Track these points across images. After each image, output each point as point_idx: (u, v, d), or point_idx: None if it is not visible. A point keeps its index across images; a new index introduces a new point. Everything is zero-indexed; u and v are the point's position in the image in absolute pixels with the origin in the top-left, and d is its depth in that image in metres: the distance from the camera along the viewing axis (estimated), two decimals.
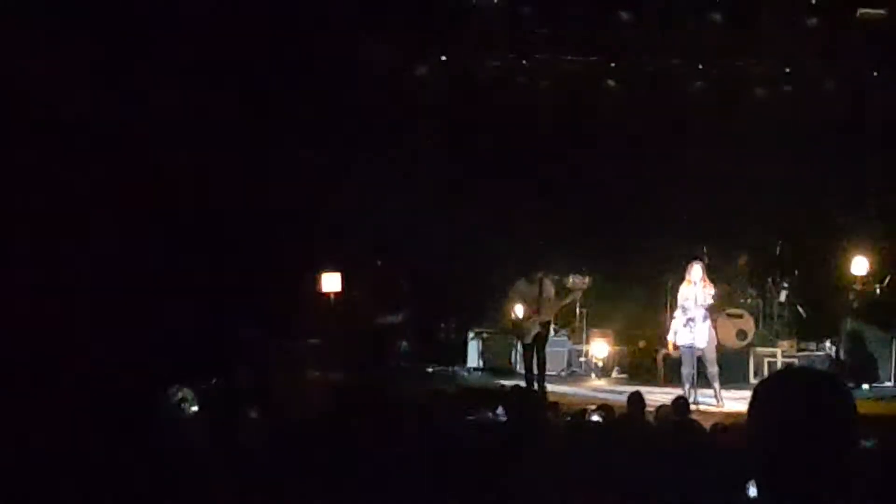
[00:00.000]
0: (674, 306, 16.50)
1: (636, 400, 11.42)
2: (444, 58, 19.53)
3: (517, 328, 16.89)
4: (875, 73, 18.96)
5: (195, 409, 9.04)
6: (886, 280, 18.74)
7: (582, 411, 11.35)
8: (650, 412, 11.72)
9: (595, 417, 10.59)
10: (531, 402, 9.56)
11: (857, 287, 18.80)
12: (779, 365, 17.33)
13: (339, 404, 9.08)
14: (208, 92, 16.32)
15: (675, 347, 16.10)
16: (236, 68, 16.95)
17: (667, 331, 16.66)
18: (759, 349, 18.25)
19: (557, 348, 18.90)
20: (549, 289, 16.85)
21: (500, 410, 9.09)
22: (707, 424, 9.90)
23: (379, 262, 17.23)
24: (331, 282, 17.07)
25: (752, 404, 3.09)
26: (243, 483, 6.77)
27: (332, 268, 17.08)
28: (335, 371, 16.34)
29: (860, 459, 2.98)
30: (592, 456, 6.81)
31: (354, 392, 9.53)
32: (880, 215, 18.97)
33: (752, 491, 3.05)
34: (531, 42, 19.25)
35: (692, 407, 13.41)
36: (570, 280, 18.86)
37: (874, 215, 19.02)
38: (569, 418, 9.96)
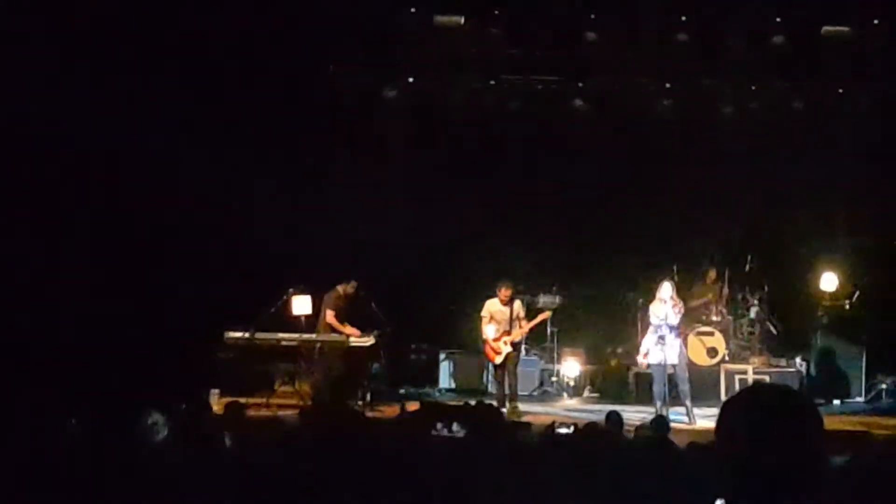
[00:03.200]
0: (644, 325, 16.53)
1: (615, 420, 11.37)
2: (411, 80, 19.54)
3: (488, 348, 16.88)
4: (840, 90, 19.07)
5: (165, 433, 8.95)
6: (855, 296, 18.84)
7: (550, 425, 11.34)
8: (629, 431, 11.71)
9: (563, 430, 10.58)
10: (492, 418, 9.52)
11: (827, 303, 18.89)
12: (750, 381, 17.35)
13: (309, 428, 9.03)
14: (176, 120, 16.31)
15: (647, 366, 16.14)
16: (204, 93, 16.92)
17: (638, 349, 16.72)
18: (729, 366, 18.28)
19: (529, 368, 18.94)
20: (520, 309, 16.86)
21: (455, 427, 9.05)
22: (679, 442, 9.90)
23: (362, 293, 17.15)
24: (301, 305, 17.04)
25: (720, 421, 3.12)
26: None
27: (303, 291, 17.04)
28: (306, 394, 16.33)
29: (830, 475, 2.98)
30: (563, 472, 6.79)
31: (325, 415, 9.48)
32: (849, 231, 19.07)
33: None
34: (499, 63, 19.28)
35: None
36: (541, 300, 18.91)
37: (843, 231, 19.12)
38: (537, 437, 9.93)
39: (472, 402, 11.69)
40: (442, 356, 19.58)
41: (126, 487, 6.63)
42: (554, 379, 19.59)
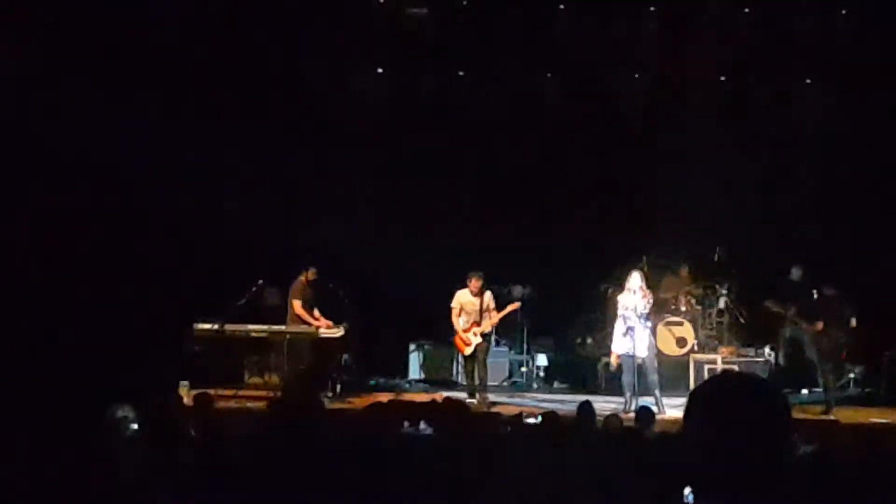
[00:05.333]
0: (614, 315, 16.55)
1: (587, 410, 11.38)
2: (380, 70, 19.50)
3: (458, 339, 16.89)
4: (807, 81, 19.12)
5: (135, 427, 8.90)
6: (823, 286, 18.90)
7: (518, 415, 11.36)
8: (598, 421, 11.76)
9: (531, 420, 10.61)
10: (459, 413, 9.50)
11: (795, 293, 18.94)
12: (718, 371, 17.40)
13: (277, 420, 9.00)
14: (142, 112, 16.24)
15: (618, 358, 16.15)
16: (167, 86, 16.85)
17: (608, 339, 16.77)
18: (698, 356, 18.32)
19: (499, 359, 18.95)
20: (490, 300, 16.86)
21: (422, 426, 9.01)
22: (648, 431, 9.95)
23: (331, 285, 17.15)
24: (272, 296, 17.03)
25: (688, 410, 3.13)
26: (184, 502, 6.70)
27: (272, 282, 17.03)
28: (276, 386, 16.30)
29: (798, 463, 2.99)
30: (531, 463, 6.80)
31: (294, 407, 9.45)
32: (817, 221, 19.14)
33: (690, 496, 3.06)
34: (467, 53, 19.25)
35: (631, 415, 13.47)
36: (511, 290, 18.91)
37: (811, 222, 19.19)
38: (508, 428, 9.93)
39: (439, 399, 11.66)
40: (412, 347, 19.58)
41: (96, 481, 6.60)
42: (524, 369, 19.63)
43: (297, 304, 16.94)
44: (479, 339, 16.69)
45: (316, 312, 17.04)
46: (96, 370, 12.31)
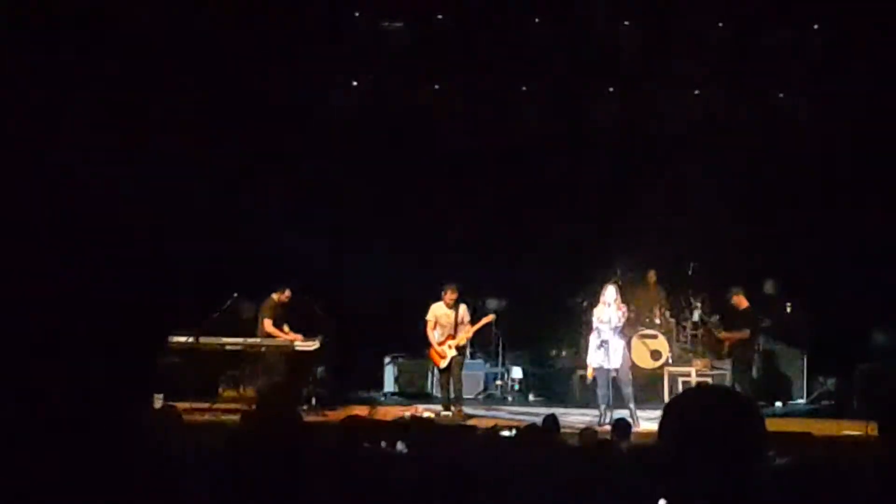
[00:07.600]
0: (589, 328, 16.56)
1: (551, 424, 11.39)
2: (355, 83, 19.49)
3: (433, 352, 16.88)
4: (781, 95, 19.19)
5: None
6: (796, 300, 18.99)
7: (492, 428, 11.37)
8: (573, 433, 11.79)
9: (506, 433, 10.62)
10: (428, 430, 9.48)
11: (769, 306, 19.00)
12: (693, 384, 17.45)
13: (249, 432, 8.95)
14: (119, 122, 16.18)
15: (593, 371, 16.15)
16: (148, 103, 16.80)
17: (583, 352, 16.79)
18: (673, 369, 18.37)
19: (474, 371, 18.93)
20: (465, 312, 16.86)
21: (399, 445, 8.98)
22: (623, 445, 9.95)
23: (306, 298, 17.12)
24: (247, 310, 17.01)
25: (663, 422, 3.14)
26: None
27: (247, 295, 17.00)
28: (251, 399, 16.24)
29: (773, 475, 2.99)
30: (507, 476, 6.79)
31: (267, 420, 9.39)
32: (790, 236, 19.22)
33: None
34: (443, 67, 19.26)
35: (607, 427, 13.49)
36: (486, 303, 18.92)
37: (784, 234, 19.26)
38: (480, 440, 9.91)
39: (416, 413, 11.66)
40: (387, 360, 19.55)
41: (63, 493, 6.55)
42: (499, 382, 19.62)
43: (267, 323, 16.88)
44: (454, 352, 16.69)
45: (286, 328, 17.00)
46: (68, 382, 12.23)
